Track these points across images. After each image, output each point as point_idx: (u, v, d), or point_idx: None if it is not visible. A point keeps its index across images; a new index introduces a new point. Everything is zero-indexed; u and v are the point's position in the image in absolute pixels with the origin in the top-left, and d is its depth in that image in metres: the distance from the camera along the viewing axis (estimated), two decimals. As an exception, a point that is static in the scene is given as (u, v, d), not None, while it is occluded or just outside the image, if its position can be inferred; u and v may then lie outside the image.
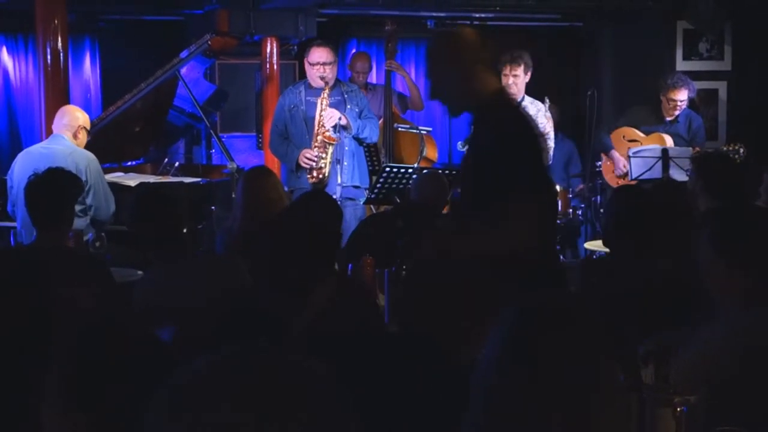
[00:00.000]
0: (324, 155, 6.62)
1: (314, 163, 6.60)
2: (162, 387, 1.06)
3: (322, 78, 6.65)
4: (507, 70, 7.18)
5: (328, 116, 6.60)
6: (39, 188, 4.30)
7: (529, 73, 7.23)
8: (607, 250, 6.37)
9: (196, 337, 3.06)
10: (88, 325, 1.67)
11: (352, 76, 8.03)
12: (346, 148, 6.71)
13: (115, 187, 6.13)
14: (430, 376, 2.26)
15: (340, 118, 6.59)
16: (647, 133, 7.50)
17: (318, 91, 6.73)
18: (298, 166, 6.68)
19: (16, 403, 1.91)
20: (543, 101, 7.31)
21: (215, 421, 0.99)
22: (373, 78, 8.75)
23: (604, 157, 7.78)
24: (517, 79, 7.16)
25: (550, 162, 7.32)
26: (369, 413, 1.12)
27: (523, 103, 7.23)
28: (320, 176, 6.61)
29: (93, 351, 1.58)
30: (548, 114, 7.24)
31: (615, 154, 7.55)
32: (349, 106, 6.77)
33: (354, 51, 9.20)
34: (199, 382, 1.03)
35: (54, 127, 5.95)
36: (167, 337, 3.15)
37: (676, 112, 7.45)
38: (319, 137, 6.62)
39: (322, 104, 6.64)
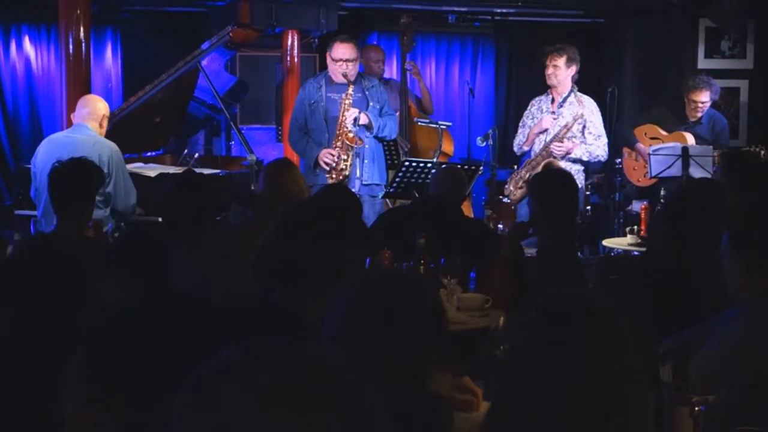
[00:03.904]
0: (345, 157, 6.60)
1: (334, 164, 6.59)
2: (188, 380, 1.06)
3: (344, 75, 6.62)
4: (548, 60, 7.13)
5: (350, 115, 6.58)
6: (62, 177, 4.33)
7: (573, 68, 7.09)
8: (626, 247, 6.40)
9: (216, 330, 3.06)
10: (111, 315, 1.68)
11: (367, 68, 7.98)
12: (366, 146, 6.70)
13: (135, 177, 6.14)
14: None
15: (356, 119, 6.56)
16: (670, 131, 7.47)
17: (339, 87, 6.70)
18: (317, 164, 6.66)
19: (41, 394, 1.92)
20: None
21: (242, 414, 1.00)
22: (392, 73, 8.73)
23: (626, 153, 7.73)
24: (557, 70, 7.07)
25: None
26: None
27: (569, 99, 7.14)
28: (340, 177, 6.58)
29: (116, 340, 1.59)
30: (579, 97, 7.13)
31: (640, 146, 7.49)
32: (371, 104, 6.75)
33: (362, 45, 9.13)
34: (226, 375, 1.03)
35: (76, 116, 5.92)
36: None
37: (698, 114, 7.41)
38: (341, 139, 6.61)
39: (344, 104, 6.63)
